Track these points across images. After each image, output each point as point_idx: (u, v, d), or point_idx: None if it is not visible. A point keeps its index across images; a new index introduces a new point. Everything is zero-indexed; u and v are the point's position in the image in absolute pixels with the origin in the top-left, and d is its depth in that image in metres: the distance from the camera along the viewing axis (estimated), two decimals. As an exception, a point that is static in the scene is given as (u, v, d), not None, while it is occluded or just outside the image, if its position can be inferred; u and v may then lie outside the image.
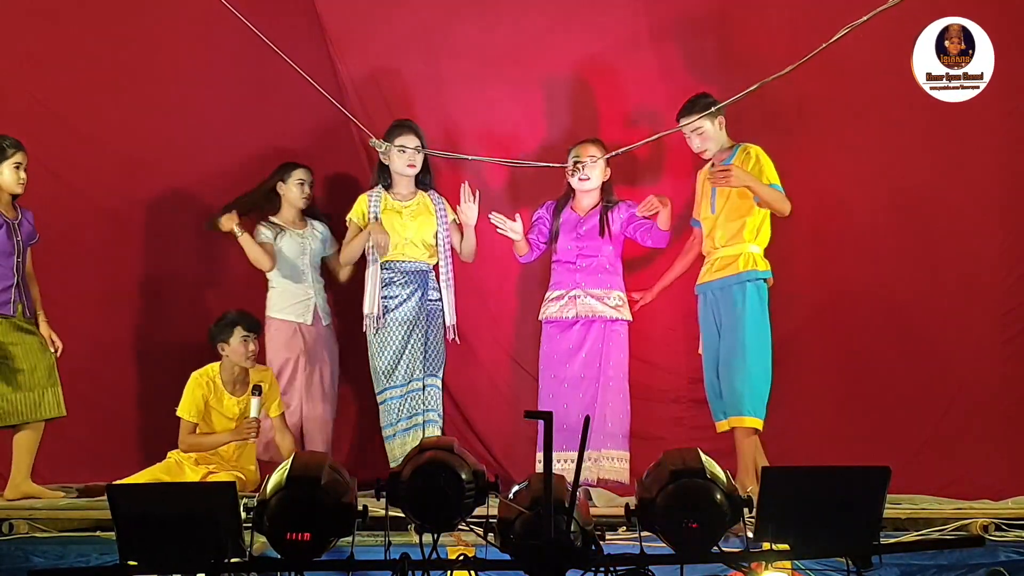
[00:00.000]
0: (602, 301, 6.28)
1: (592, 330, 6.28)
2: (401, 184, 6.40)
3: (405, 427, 6.19)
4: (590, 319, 6.27)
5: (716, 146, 6.20)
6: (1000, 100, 6.57)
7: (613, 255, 6.36)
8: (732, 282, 6.11)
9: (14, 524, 5.49)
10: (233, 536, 3.87)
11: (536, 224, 6.50)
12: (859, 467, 4.18)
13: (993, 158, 6.74)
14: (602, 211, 6.38)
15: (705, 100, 6.18)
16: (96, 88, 6.94)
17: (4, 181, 6.10)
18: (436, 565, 3.89)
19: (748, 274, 6.10)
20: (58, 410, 6.17)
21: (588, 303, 6.27)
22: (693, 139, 6.22)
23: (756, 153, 6.13)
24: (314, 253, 6.66)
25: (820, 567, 4.75)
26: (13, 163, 6.10)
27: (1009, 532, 5.41)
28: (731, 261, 6.13)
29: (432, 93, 6.88)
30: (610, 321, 6.28)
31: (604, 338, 6.28)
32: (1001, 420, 6.71)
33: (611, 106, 6.87)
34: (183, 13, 6.86)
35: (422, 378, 6.26)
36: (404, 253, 6.32)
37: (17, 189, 6.12)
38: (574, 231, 6.37)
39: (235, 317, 6.33)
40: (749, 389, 6.04)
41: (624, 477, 6.20)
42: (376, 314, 6.22)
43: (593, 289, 6.29)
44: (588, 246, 6.33)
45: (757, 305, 6.10)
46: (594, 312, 6.26)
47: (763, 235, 6.18)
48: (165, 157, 6.97)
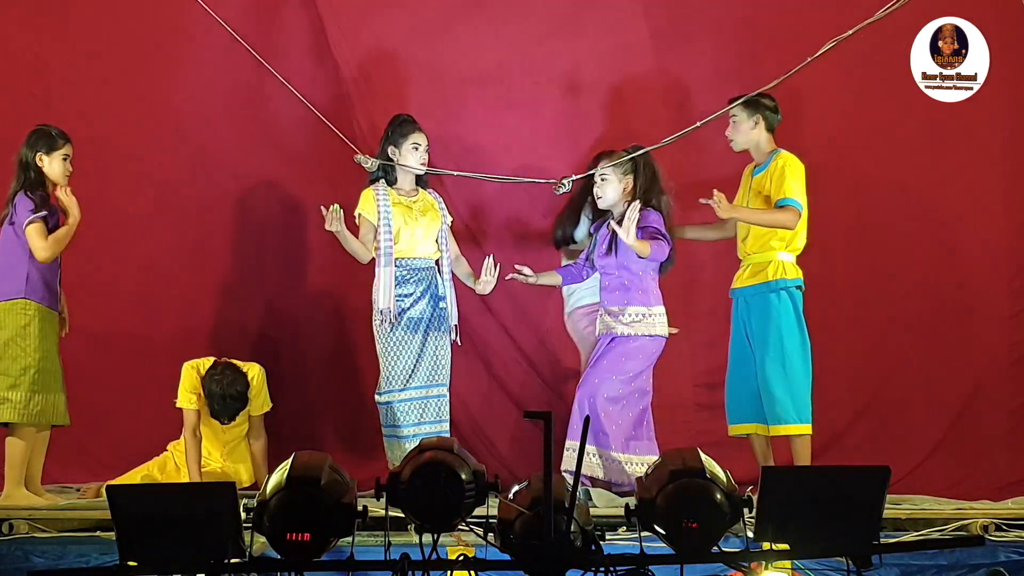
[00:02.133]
0: (617, 319, 6.14)
1: (602, 342, 6.17)
2: (405, 180, 6.34)
3: (426, 431, 6.09)
4: (610, 336, 6.16)
5: (744, 142, 6.21)
6: (999, 98, 6.59)
7: (630, 272, 6.14)
8: (763, 290, 6.11)
9: (14, 524, 5.47)
10: (233, 536, 3.87)
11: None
12: (859, 467, 4.19)
13: (994, 159, 6.74)
14: (612, 229, 6.16)
15: (756, 98, 6.16)
16: (96, 87, 6.95)
17: (53, 172, 5.99)
18: (436, 565, 3.88)
19: (778, 282, 6.09)
20: (65, 417, 6.04)
21: (606, 321, 6.19)
22: (730, 126, 6.24)
23: (783, 163, 6.11)
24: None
25: (820, 567, 4.76)
26: (62, 154, 6.01)
27: (1009, 532, 5.41)
28: (762, 268, 6.13)
29: (430, 92, 6.89)
30: (624, 337, 6.11)
31: (625, 354, 6.10)
32: (1006, 422, 6.72)
33: (612, 113, 6.87)
34: (184, 10, 6.86)
35: (445, 384, 6.24)
36: (416, 249, 6.25)
37: (63, 181, 6.01)
38: (598, 249, 6.29)
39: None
40: (791, 397, 6.05)
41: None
42: (391, 310, 6.11)
43: (611, 307, 6.18)
44: (607, 264, 6.22)
45: (790, 312, 6.09)
46: (609, 329, 6.16)
47: (796, 243, 6.15)
48: (166, 157, 6.98)
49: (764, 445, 6.19)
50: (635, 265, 6.11)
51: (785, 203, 6.02)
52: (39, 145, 5.97)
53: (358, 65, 6.86)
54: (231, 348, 6.94)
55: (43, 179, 5.97)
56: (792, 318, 6.09)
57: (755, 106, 6.16)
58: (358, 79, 6.85)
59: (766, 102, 6.18)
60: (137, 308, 7.03)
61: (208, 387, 6.20)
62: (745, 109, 6.17)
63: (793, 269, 6.15)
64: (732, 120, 6.21)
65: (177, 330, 6.99)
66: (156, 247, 7.00)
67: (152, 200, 6.97)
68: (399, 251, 6.19)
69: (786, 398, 6.04)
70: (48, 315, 5.94)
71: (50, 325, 5.96)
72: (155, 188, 6.99)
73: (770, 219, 6.04)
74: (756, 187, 6.17)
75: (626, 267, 6.13)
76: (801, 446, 6.05)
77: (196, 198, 7.03)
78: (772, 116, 6.18)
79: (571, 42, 6.89)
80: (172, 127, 6.96)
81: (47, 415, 5.93)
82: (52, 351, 5.97)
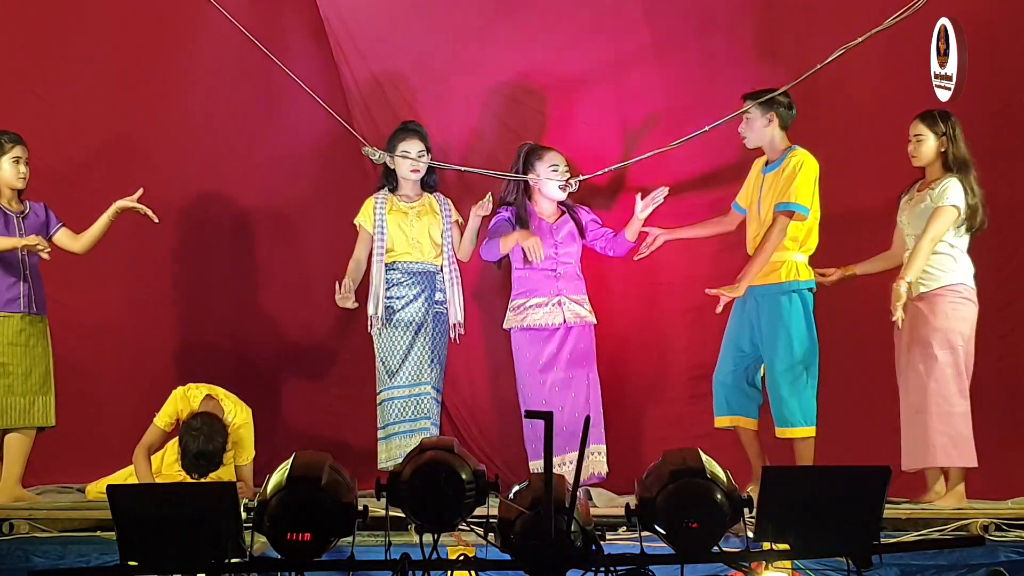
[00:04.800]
0: (583, 306, 6.37)
1: (572, 332, 6.33)
2: (407, 187, 6.42)
3: (406, 429, 6.18)
4: (570, 323, 6.32)
5: (758, 139, 6.20)
6: (991, 99, 6.59)
7: (580, 260, 6.45)
8: (775, 291, 6.09)
9: (14, 524, 5.49)
10: (233, 536, 3.87)
11: (499, 225, 6.39)
12: (859, 467, 4.18)
13: (983, 158, 6.74)
14: (571, 216, 6.46)
15: (771, 95, 6.14)
16: (97, 85, 6.95)
17: (3, 175, 6.07)
18: (436, 565, 3.89)
19: (791, 284, 6.08)
20: (46, 419, 6.10)
21: (573, 309, 6.33)
22: (743, 123, 6.22)
23: (797, 163, 6.08)
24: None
25: (820, 567, 4.76)
26: (12, 157, 6.08)
27: (1009, 532, 5.41)
28: (774, 268, 6.09)
29: (436, 96, 6.89)
30: (590, 324, 6.38)
31: (585, 338, 6.36)
32: (1000, 419, 6.70)
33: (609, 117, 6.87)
34: (191, 11, 6.86)
35: (429, 383, 6.26)
36: (411, 254, 6.33)
37: (18, 184, 6.10)
38: (551, 238, 6.38)
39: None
40: (798, 399, 6.05)
41: (603, 468, 6.29)
42: (380, 315, 6.22)
43: (574, 295, 6.36)
44: (566, 253, 6.38)
45: (800, 315, 6.08)
46: (580, 317, 6.33)
47: (809, 243, 6.14)
48: (165, 155, 6.98)
49: (751, 438, 6.18)
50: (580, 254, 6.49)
51: (785, 208, 6.01)
52: None
53: (362, 73, 6.85)
54: (231, 348, 6.96)
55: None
56: (802, 321, 6.08)
57: (768, 103, 6.13)
58: (362, 87, 6.84)
59: (780, 99, 6.15)
60: (137, 308, 7.03)
61: (184, 440, 5.96)
62: (759, 106, 6.14)
63: (806, 271, 6.14)
64: (745, 118, 6.19)
65: (177, 330, 6.99)
66: (155, 246, 7.00)
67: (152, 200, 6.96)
68: (396, 255, 6.30)
69: (793, 401, 6.04)
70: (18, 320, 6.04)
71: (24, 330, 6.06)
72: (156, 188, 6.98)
73: (771, 248, 6.02)
74: (769, 185, 6.13)
75: (579, 255, 6.47)
76: (805, 448, 6.06)
77: (197, 197, 7.02)
78: (786, 113, 6.16)
79: (581, 50, 6.88)
80: (181, 129, 6.96)
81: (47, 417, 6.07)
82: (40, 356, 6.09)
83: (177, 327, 7.07)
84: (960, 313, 5.95)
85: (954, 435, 5.86)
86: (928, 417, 5.87)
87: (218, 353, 7.04)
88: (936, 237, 5.90)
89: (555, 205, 6.47)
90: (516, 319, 6.38)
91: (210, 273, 7.12)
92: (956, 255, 5.98)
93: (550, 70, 6.92)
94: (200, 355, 7.00)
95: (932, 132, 6.00)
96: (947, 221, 5.91)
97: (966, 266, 6.00)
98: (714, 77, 6.79)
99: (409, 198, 6.40)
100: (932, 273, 5.94)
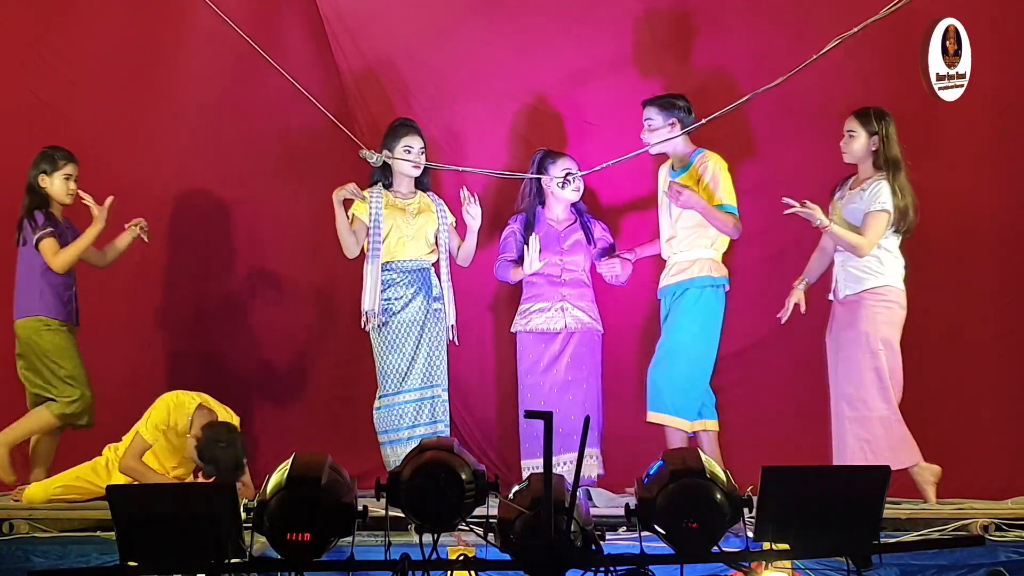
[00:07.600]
0: (587, 313, 6.39)
1: (574, 337, 6.36)
2: (403, 183, 6.36)
3: (427, 432, 6.09)
4: (572, 329, 6.35)
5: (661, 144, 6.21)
6: (995, 98, 6.58)
7: (589, 267, 6.46)
8: (687, 286, 6.13)
9: (14, 524, 5.49)
10: (233, 536, 3.87)
11: (507, 242, 6.47)
12: (859, 467, 4.19)
13: (986, 156, 6.74)
14: (582, 223, 6.47)
15: (671, 100, 6.18)
16: (98, 86, 6.95)
17: (55, 192, 6.20)
18: (436, 565, 3.89)
19: (702, 280, 6.12)
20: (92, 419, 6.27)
21: (576, 315, 6.36)
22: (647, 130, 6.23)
23: (714, 168, 6.12)
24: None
25: (820, 567, 4.77)
26: (63, 174, 6.21)
27: (1009, 532, 5.41)
28: (687, 266, 6.15)
29: (432, 93, 6.89)
30: (594, 332, 6.41)
31: (588, 343, 6.39)
32: (1000, 419, 6.70)
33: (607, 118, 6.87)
34: (188, 11, 6.85)
35: (441, 384, 6.25)
36: (406, 251, 6.27)
37: (66, 200, 6.24)
38: (557, 245, 6.40)
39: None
40: (672, 389, 6.09)
41: (595, 471, 6.32)
42: (376, 311, 6.17)
43: (579, 302, 6.38)
44: (572, 260, 6.41)
45: (705, 310, 6.11)
46: (582, 323, 6.36)
47: (721, 240, 6.18)
48: (165, 155, 6.98)
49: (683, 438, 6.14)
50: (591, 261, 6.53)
51: (728, 209, 6.06)
52: (41, 166, 6.21)
53: (360, 70, 6.85)
54: (230, 347, 6.95)
55: (47, 199, 6.20)
56: (706, 315, 6.10)
57: (670, 108, 6.14)
58: (360, 84, 6.84)
59: (679, 103, 6.17)
60: (136, 308, 7.03)
61: (212, 452, 5.69)
62: (660, 112, 6.16)
63: (719, 267, 6.18)
64: (647, 124, 6.20)
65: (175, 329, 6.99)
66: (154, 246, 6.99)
67: (151, 200, 6.97)
68: (389, 253, 6.23)
69: (666, 388, 6.09)
70: (60, 327, 6.17)
71: (64, 335, 6.18)
72: (155, 188, 6.99)
73: (723, 219, 6.06)
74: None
75: (587, 263, 6.51)
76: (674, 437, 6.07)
77: (196, 198, 7.02)
78: (687, 118, 6.16)
79: (576, 45, 6.87)
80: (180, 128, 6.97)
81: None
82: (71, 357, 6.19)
83: (168, 330, 7.06)
84: (884, 317, 5.88)
85: (870, 438, 5.79)
86: (844, 420, 5.85)
87: (210, 357, 7.02)
88: (874, 242, 5.86)
89: (568, 212, 6.47)
90: (521, 322, 6.44)
91: (211, 273, 7.11)
92: (883, 257, 5.91)
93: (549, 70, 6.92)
94: (192, 360, 6.98)
95: (864, 130, 5.95)
96: (881, 226, 5.86)
97: (894, 268, 5.94)
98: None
99: (404, 195, 6.35)
100: (857, 275, 5.91)
